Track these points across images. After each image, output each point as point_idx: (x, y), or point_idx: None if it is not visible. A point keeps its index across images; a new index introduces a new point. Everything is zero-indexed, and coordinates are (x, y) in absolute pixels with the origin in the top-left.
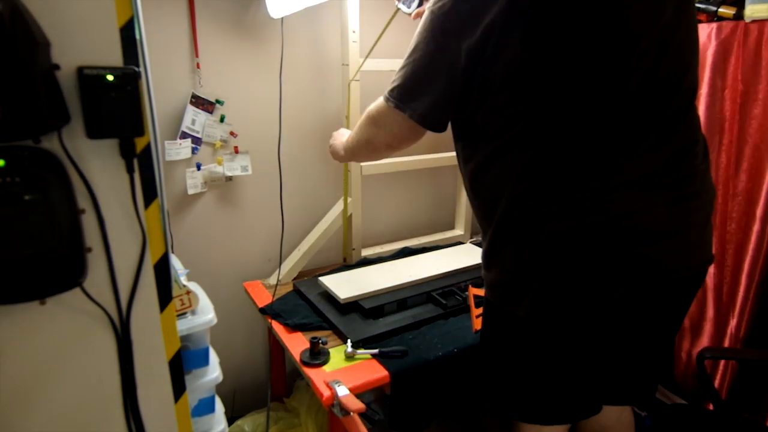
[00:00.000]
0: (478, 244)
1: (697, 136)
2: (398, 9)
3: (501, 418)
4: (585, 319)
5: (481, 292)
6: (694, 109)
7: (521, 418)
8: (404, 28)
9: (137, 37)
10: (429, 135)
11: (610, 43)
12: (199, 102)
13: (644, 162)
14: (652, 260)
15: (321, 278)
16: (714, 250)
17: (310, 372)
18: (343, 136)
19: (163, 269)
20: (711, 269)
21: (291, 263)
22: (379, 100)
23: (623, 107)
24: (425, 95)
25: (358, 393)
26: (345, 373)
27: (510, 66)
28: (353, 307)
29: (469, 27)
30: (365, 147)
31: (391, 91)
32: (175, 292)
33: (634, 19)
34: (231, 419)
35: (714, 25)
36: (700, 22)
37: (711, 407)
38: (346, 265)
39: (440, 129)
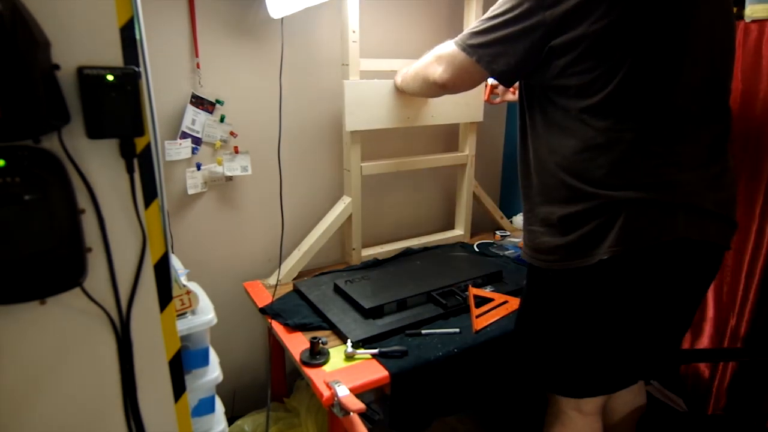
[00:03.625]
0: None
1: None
2: None
3: (556, 393)
4: (650, 265)
5: (480, 292)
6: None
7: (570, 393)
8: (404, 28)
9: (137, 37)
10: (428, 135)
11: (674, 38)
12: (199, 102)
13: (696, 145)
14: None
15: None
16: None
17: (310, 372)
18: (407, 68)
19: (163, 269)
20: None
21: (291, 263)
22: (449, 43)
23: (684, 94)
24: (498, 46)
25: (358, 393)
26: (345, 373)
27: (593, 37)
28: (353, 307)
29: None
30: (422, 80)
31: (465, 36)
32: (175, 292)
33: (694, 20)
34: (231, 419)
35: None
36: None
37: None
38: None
39: (507, 83)
